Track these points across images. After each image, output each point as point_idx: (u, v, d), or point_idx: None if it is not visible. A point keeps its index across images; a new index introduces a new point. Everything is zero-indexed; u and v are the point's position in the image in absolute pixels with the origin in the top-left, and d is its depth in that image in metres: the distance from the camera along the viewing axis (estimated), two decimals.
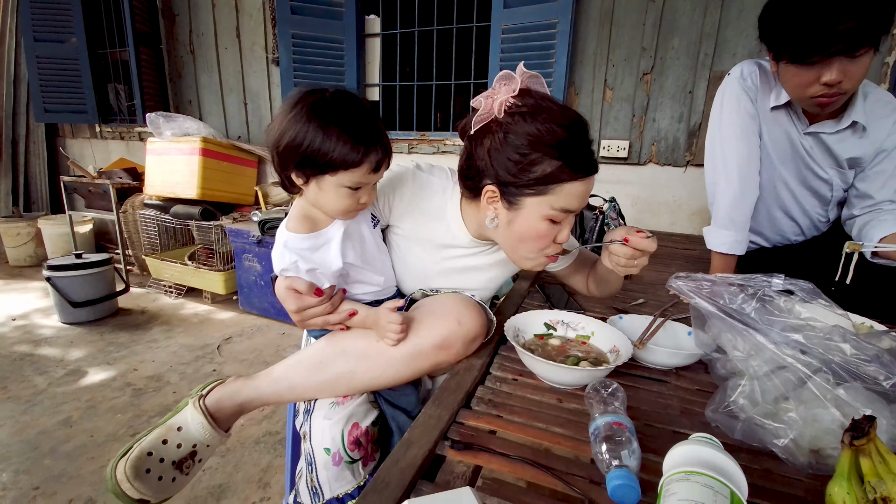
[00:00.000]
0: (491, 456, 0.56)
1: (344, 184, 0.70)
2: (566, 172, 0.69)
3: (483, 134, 0.73)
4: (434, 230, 0.86)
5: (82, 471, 1.42)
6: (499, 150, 0.70)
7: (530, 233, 0.74)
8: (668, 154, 2.14)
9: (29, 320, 2.53)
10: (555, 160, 0.68)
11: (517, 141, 0.69)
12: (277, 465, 1.45)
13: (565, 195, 0.70)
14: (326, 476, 0.73)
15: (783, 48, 0.94)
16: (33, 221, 3.48)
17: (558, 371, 0.68)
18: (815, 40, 0.87)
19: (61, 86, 3.45)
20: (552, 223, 0.73)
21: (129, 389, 1.87)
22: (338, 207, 0.72)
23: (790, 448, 0.56)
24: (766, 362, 0.60)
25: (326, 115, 0.67)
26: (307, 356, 0.80)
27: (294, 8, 2.58)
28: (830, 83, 0.90)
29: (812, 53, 0.89)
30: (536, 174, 0.69)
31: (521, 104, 0.69)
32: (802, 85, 0.95)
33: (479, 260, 0.90)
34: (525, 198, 0.72)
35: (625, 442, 0.53)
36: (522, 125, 0.68)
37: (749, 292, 0.65)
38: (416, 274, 0.90)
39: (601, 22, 2.12)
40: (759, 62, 1.12)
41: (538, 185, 0.70)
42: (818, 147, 1.11)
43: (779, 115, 1.11)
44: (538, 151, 0.68)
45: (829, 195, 1.17)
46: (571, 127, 0.69)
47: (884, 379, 0.57)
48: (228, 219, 2.75)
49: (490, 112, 0.71)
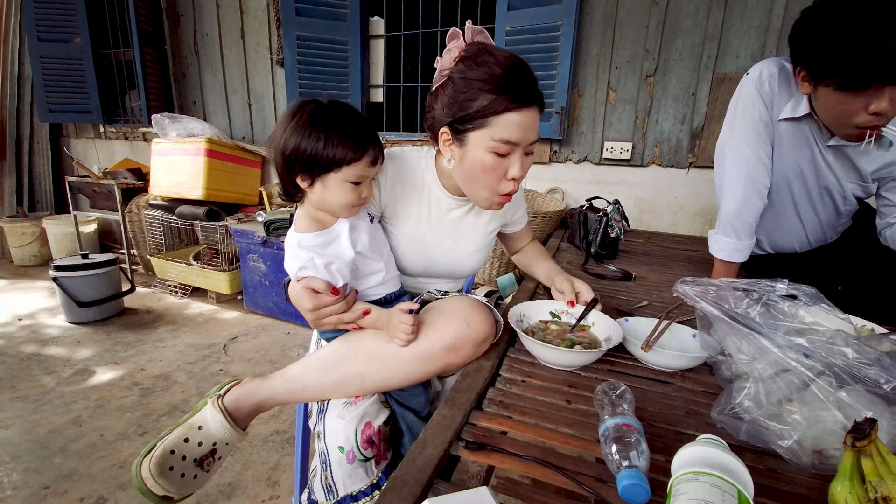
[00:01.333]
0: (504, 456, 0.58)
1: (348, 179, 0.75)
2: (501, 103, 0.74)
3: (439, 89, 0.80)
4: (419, 197, 0.93)
5: (93, 469, 1.44)
6: (448, 95, 0.78)
7: (478, 165, 0.79)
8: (671, 156, 2.15)
9: (35, 320, 2.55)
10: (490, 94, 0.74)
11: (461, 84, 0.76)
12: (286, 464, 1.47)
13: (503, 125, 0.75)
14: (341, 474, 0.74)
15: (831, 72, 0.86)
16: (38, 221, 3.50)
17: (548, 351, 0.76)
18: (876, 68, 0.80)
19: (65, 86, 3.46)
20: (497, 156, 0.78)
21: (137, 388, 1.89)
22: (343, 202, 0.77)
23: (794, 449, 0.57)
24: (770, 365, 0.62)
25: (326, 120, 0.73)
26: (321, 357, 0.82)
27: (299, 10, 2.59)
28: (881, 112, 0.84)
29: (870, 81, 0.82)
30: (474, 108, 0.75)
31: (467, 53, 0.77)
32: (848, 113, 0.89)
33: (464, 215, 0.96)
34: (469, 133, 0.78)
35: (634, 443, 0.54)
36: (465, 71, 0.76)
37: (753, 297, 0.67)
38: (414, 247, 0.94)
39: (604, 24, 2.13)
40: (781, 62, 1.06)
41: (478, 119, 0.76)
42: (840, 161, 1.06)
43: (797, 125, 1.06)
44: (476, 88, 0.75)
45: (842, 208, 1.14)
46: (507, 66, 0.75)
47: (884, 382, 0.59)
48: (233, 219, 2.77)
49: (444, 66, 0.78)
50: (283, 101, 2.94)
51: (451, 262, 0.98)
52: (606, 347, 0.78)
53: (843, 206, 1.14)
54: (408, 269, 0.96)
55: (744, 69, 1.93)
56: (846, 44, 0.82)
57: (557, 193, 2.41)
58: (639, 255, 1.67)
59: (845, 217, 1.18)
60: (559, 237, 1.92)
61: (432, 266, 0.97)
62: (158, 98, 3.26)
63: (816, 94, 0.94)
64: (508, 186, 0.82)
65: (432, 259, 0.96)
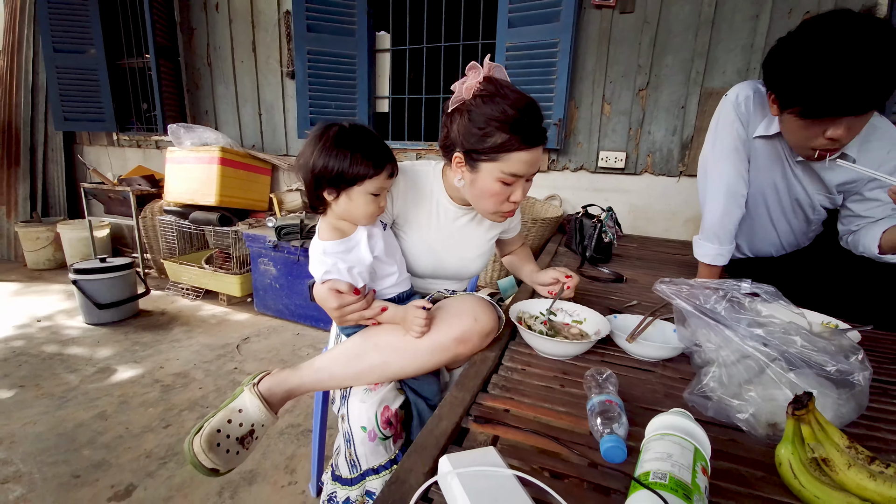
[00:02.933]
0: (507, 428, 0.69)
1: (369, 191, 0.87)
2: (514, 144, 0.85)
3: (455, 113, 0.90)
4: (427, 206, 1.04)
5: (121, 459, 1.54)
6: (464, 125, 0.88)
7: (487, 191, 0.91)
8: (663, 165, 2.27)
9: (54, 321, 2.66)
10: (505, 133, 0.85)
11: (478, 118, 0.86)
12: (301, 454, 1.58)
13: (513, 162, 0.87)
14: (363, 450, 0.85)
15: (796, 101, 0.96)
16: (52, 226, 3.61)
17: (544, 342, 0.87)
18: (835, 102, 0.89)
19: (80, 95, 3.59)
20: (504, 185, 0.90)
21: (157, 385, 1.99)
22: (365, 212, 0.88)
23: (751, 422, 0.68)
24: (733, 352, 0.72)
25: (350, 141, 0.85)
26: (345, 350, 0.92)
27: (310, 26, 2.72)
28: (837, 138, 0.94)
29: (828, 114, 0.92)
30: (490, 144, 0.86)
31: (484, 89, 0.86)
32: (808, 137, 0.99)
33: (467, 221, 1.08)
34: (482, 163, 0.89)
35: (615, 416, 0.65)
36: (483, 106, 0.86)
37: (720, 294, 0.77)
38: (424, 251, 1.05)
39: (600, 41, 2.26)
40: (756, 85, 1.17)
41: (492, 153, 0.87)
42: (808, 175, 1.17)
43: (770, 142, 1.17)
44: (492, 126, 0.85)
45: (812, 217, 1.25)
46: (521, 108, 0.85)
47: (829, 366, 0.70)
48: (245, 224, 2.88)
49: (461, 95, 0.88)
50: (293, 112, 3.06)
51: (457, 264, 1.09)
52: (596, 339, 0.89)
53: (813, 215, 1.25)
54: (418, 270, 1.07)
55: (730, 84, 2.04)
56: (809, 79, 0.91)
57: (555, 200, 2.53)
58: (632, 259, 1.78)
59: (815, 225, 1.29)
60: (557, 242, 2.03)
61: (440, 268, 1.08)
62: (172, 108, 3.39)
63: (782, 117, 1.05)
64: (510, 207, 0.95)
65: (440, 262, 1.07)
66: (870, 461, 0.56)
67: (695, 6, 2.07)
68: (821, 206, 1.22)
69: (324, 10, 2.72)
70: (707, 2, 2.04)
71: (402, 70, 3.18)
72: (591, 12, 2.25)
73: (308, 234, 2.54)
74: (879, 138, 1.07)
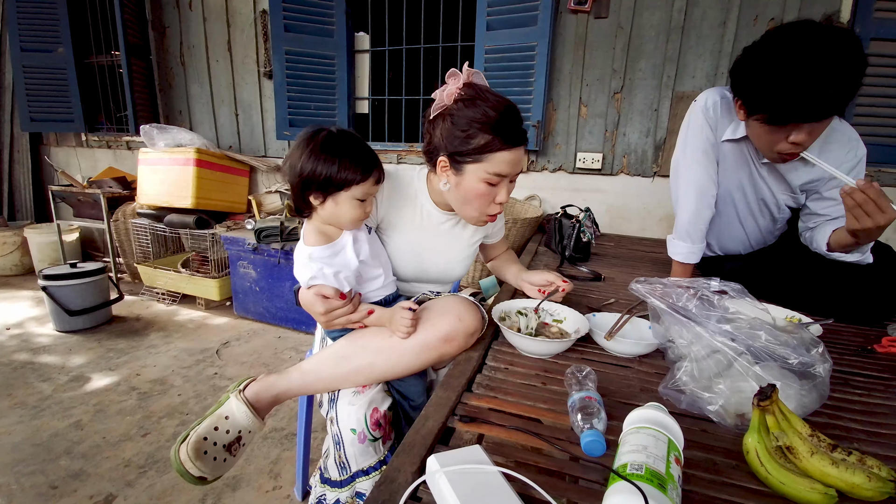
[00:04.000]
0: (491, 426, 0.71)
1: (356, 196, 0.87)
2: (496, 144, 0.88)
3: (438, 119, 0.92)
4: (412, 211, 1.05)
5: (100, 469, 1.51)
6: (448, 129, 0.90)
7: (472, 192, 0.93)
8: (638, 165, 2.34)
9: (24, 329, 2.57)
10: (487, 135, 0.87)
11: (461, 121, 0.89)
12: (286, 458, 1.57)
13: (497, 162, 0.89)
14: (353, 452, 0.86)
15: (761, 109, 1.01)
16: (19, 230, 3.48)
17: (526, 341, 0.90)
18: (797, 110, 0.95)
19: (48, 95, 3.47)
20: (489, 185, 0.92)
21: (134, 393, 1.95)
22: (351, 217, 0.89)
23: (720, 413, 0.72)
24: (703, 347, 0.77)
25: (337, 148, 0.85)
26: (332, 352, 0.93)
27: (288, 26, 2.70)
28: (799, 142, 1.00)
29: (791, 120, 0.98)
30: (474, 145, 0.88)
31: (465, 94, 0.89)
32: (772, 142, 1.05)
33: (451, 227, 1.10)
34: (467, 164, 0.91)
35: (595, 412, 0.68)
36: (465, 110, 0.88)
37: (692, 292, 0.81)
38: (408, 254, 1.07)
39: (576, 45, 2.31)
40: (723, 91, 1.23)
41: (476, 154, 0.89)
42: (772, 175, 1.24)
43: (737, 145, 1.24)
44: (475, 128, 0.88)
45: (777, 216, 1.32)
46: (501, 111, 0.88)
47: (792, 358, 0.74)
48: (223, 227, 2.83)
49: (442, 101, 0.90)
50: (272, 112, 3.03)
51: (441, 268, 1.11)
52: (575, 337, 0.92)
53: (778, 214, 1.32)
54: (402, 274, 1.09)
55: (699, 88, 2.13)
56: (774, 88, 0.96)
57: (535, 200, 2.57)
58: (609, 258, 1.83)
59: (780, 223, 1.36)
60: (537, 241, 2.07)
61: (424, 272, 1.10)
62: (144, 108, 3.31)
63: (748, 122, 1.11)
64: (495, 209, 0.97)
65: (424, 265, 1.09)
66: (832, 449, 0.60)
67: (665, 13, 2.14)
68: (785, 205, 1.29)
69: (302, 11, 2.70)
70: (677, 9, 2.11)
71: (382, 71, 3.17)
72: (567, 17, 2.30)
73: (288, 236, 2.52)
74: (837, 140, 1.13)
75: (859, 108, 2.00)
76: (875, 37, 1.91)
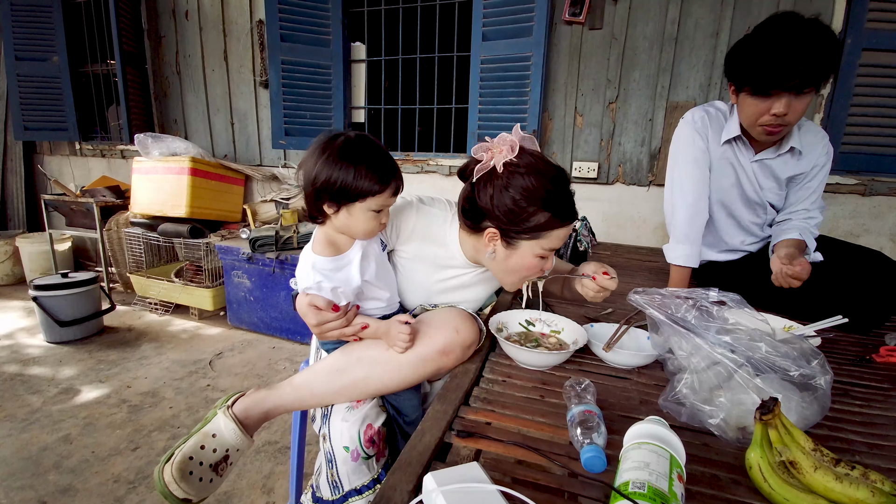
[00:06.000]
0: (489, 441, 0.69)
1: (371, 207, 0.84)
2: (555, 222, 0.87)
3: (484, 181, 0.88)
4: (435, 253, 1.01)
5: (88, 484, 1.48)
6: (500, 198, 0.86)
7: (524, 266, 0.92)
8: (633, 174, 2.35)
9: (14, 340, 2.53)
10: (545, 212, 0.86)
11: (516, 195, 0.85)
12: (279, 472, 1.54)
13: (553, 238, 0.89)
14: (346, 470, 0.84)
15: (747, 80, 1.13)
16: (11, 240, 3.45)
17: (524, 353, 0.89)
18: (775, 76, 1.07)
19: (42, 104, 3.46)
20: (541, 259, 0.92)
21: (125, 406, 1.92)
22: (366, 229, 0.86)
23: (722, 426, 0.71)
24: (703, 359, 0.75)
25: (354, 155, 0.82)
26: (326, 365, 0.91)
27: (284, 36, 2.70)
28: (778, 114, 1.11)
29: (771, 86, 1.09)
30: (531, 224, 0.87)
31: (519, 163, 0.86)
32: (756, 114, 1.15)
33: (472, 278, 1.06)
34: (522, 241, 0.89)
35: (595, 426, 0.67)
36: (520, 180, 0.85)
37: (690, 303, 0.81)
38: (419, 290, 1.04)
39: (570, 56, 2.32)
40: (705, 108, 1.34)
41: (533, 232, 0.88)
42: (763, 171, 1.32)
43: (726, 150, 1.31)
44: (533, 205, 0.85)
45: (763, 216, 1.39)
46: (557, 182, 0.87)
47: (792, 370, 0.74)
48: (217, 236, 2.81)
49: (489, 166, 0.87)
50: (267, 121, 3.02)
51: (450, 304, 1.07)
52: (574, 349, 0.91)
53: (765, 213, 1.39)
54: (407, 301, 1.06)
55: (693, 98, 2.15)
56: (757, 59, 1.09)
57: None
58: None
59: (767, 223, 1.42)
60: None
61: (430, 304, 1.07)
62: (139, 116, 3.29)
63: (739, 100, 1.20)
64: (537, 275, 0.97)
65: (431, 301, 1.05)
66: (835, 463, 0.59)
67: (659, 24, 2.16)
68: (769, 203, 1.36)
69: (298, 21, 2.71)
70: (670, 20, 2.13)
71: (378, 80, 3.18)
72: (562, 28, 2.31)
73: (283, 245, 2.50)
74: (814, 132, 1.29)
75: (851, 118, 2.01)
76: (867, 47, 1.94)
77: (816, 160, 1.28)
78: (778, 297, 1.19)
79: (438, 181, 2.73)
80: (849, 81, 1.98)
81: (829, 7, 1.95)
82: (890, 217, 2.06)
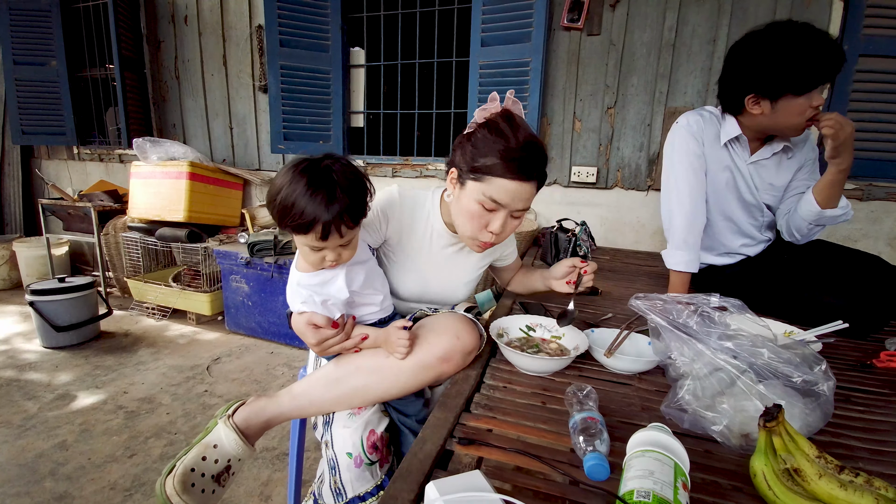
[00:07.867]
0: (490, 449, 0.69)
1: (305, 243, 0.80)
2: (500, 169, 0.87)
3: (466, 136, 0.94)
4: (421, 232, 1.04)
5: (85, 492, 1.46)
6: (470, 145, 0.91)
7: (465, 210, 0.93)
8: (632, 179, 2.35)
9: (10, 345, 2.51)
10: (496, 158, 0.87)
11: (480, 140, 0.89)
12: (277, 479, 1.53)
13: (496, 187, 0.88)
14: (349, 477, 0.83)
15: (787, 86, 1.15)
16: (8, 244, 3.43)
17: (525, 359, 0.88)
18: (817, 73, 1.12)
19: (40, 108, 3.45)
20: (483, 208, 0.90)
21: (121, 412, 1.90)
22: (307, 260, 0.83)
23: (725, 433, 0.71)
24: (705, 365, 0.75)
25: (298, 188, 0.75)
26: (325, 374, 0.91)
27: (283, 41, 2.71)
28: (819, 104, 1.15)
29: (814, 83, 1.13)
30: (480, 163, 0.88)
31: (495, 118, 0.90)
32: (800, 112, 1.17)
33: (459, 250, 1.08)
34: (468, 181, 0.91)
35: (597, 433, 0.67)
36: (488, 133, 0.89)
37: (692, 309, 0.81)
38: (411, 274, 1.05)
39: (569, 61, 2.34)
40: (699, 112, 1.35)
41: (478, 173, 0.89)
42: (759, 174, 1.34)
43: (721, 153, 1.32)
44: (487, 148, 0.88)
45: (760, 218, 1.40)
46: (521, 142, 0.88)
47: (795, 377, 0.73)
48: (215, 241, 2.80)
49: (476, 120, 0.92)
50: (266, 126, 3.02)
51: (444, 290, 1.09)
52: (575, 355, 0.90)
53: (761, 215, 1.39)
54: (402, 294, 1.06)
55: (691, 104, 2.16)
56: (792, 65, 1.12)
57: (530, 214, 2.57)
58: (605, 272, 1.82)
59: (764, 226, 1.43)
60: (532, 255, 2.06)
61: (426, 293, 1.08)
62: (137, 121, 3.29)
63: (776, 107, 1.19)
64: (486, 237, 0.94)
65: (427, 287, 1.07)
66: (839, 470, 0.58)
67: (656, 31, 2.17)
68: (766, 205, 1.38)
69: (297, 26, 2.71)
70: (667, 27, 2.15)
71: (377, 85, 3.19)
72: (560, 34, 2.33)
73: (282, 250, 2.50)
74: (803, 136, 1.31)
75: None
76: (863, 53, 1.95)
77: (806, 156, 1.33)
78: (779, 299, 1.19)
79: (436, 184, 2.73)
80: (845, 87, 2.00)
81: (826, 13, 1.97)
82: (887, 221, 2.07)
